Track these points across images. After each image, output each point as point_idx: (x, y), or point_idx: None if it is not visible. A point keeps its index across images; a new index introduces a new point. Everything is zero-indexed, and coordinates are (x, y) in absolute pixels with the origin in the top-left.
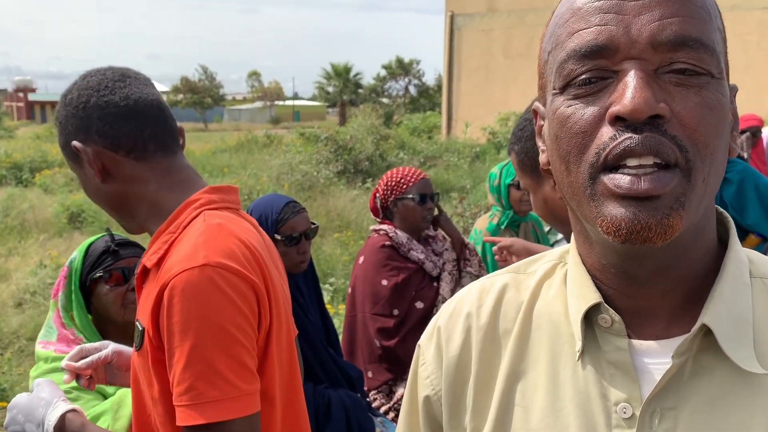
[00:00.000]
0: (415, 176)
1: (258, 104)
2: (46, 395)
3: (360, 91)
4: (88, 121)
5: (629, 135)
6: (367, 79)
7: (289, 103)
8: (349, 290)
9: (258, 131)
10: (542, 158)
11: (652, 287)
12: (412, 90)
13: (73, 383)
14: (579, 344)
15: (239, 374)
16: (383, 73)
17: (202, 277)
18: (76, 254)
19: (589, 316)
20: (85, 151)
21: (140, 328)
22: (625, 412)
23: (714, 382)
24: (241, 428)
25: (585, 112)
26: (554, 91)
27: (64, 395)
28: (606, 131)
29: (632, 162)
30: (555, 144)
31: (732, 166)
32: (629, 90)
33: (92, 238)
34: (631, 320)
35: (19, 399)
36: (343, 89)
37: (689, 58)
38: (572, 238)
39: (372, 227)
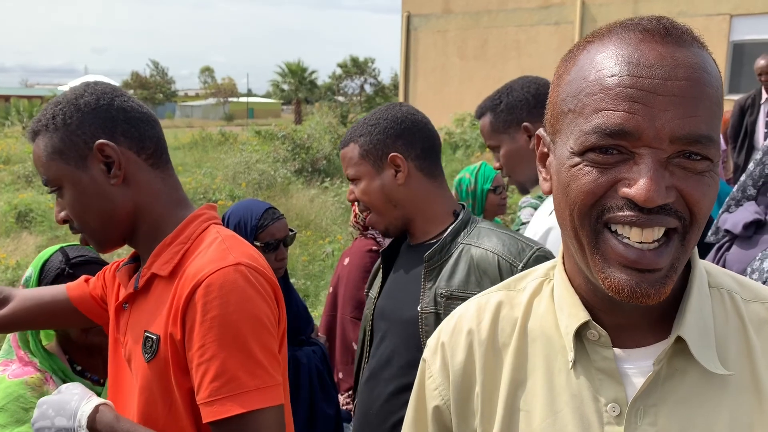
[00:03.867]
0: None
1: (211, 101)
2: (78, 391)
3: (315, 89)
4: (112, 123)
5: (636, 214)
6: (323, 77)
7: (243, 99)
8: (330, 289)
9: (212, 128)
10: (545, 186)
11: (633, 309)
12: (368, 89)
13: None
14: (571, 355)
15: (273, 364)
16: (338, 71)
17: (237, 273)
18: (31, 272)
19: (579, 331)
20: (113, 149)
21: (154, 338)
22: (614, 411)
23: (686, 382)
24: (272, 417)
25: (599, 178)
26: (571, 150)
27: (94, 393)
28: (615, 198)
29: (635, 236)
30: (564, 190)
31: None
32: (644, 179)
33: (46, 254)
34: (613, 332)
35: (49, 396)
36: (299, 87)
37: (698, 150)
38: (559, 256)
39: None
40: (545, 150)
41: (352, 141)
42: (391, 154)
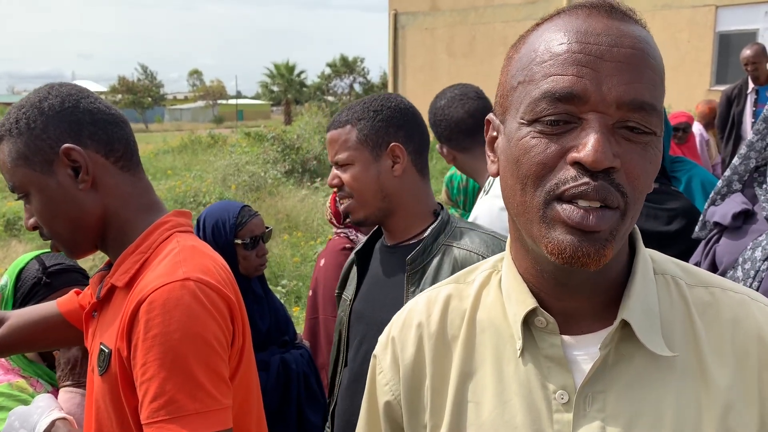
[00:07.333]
0: None
1: (200, 103)
2: (43, 404)
3: (305, 89)
4: (78, 126)
5: (587, 180)
6: (312, 77)
7: (232, 101)
8: (310, 293)
9: (201, 131)
10: (492, 168)
11: (579, 292)
12: (358, 88)
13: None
14: (519, 343)
15: (218, 387)
16: (328, 71)
17: (183, 290)
18: (7, 280)
19: (527, 319)
20: (80, 153)
21: (106, 351)
22: (563, 398)
23: (633, 367)
24: None
25: (549, 147)
26: (521, 121)
27: (60, 407)
28: (567, 169)
29: (583, 203)
30: (514, 165)
31: (681, 165)
32: (592, 142)
33: (22, 261)
34: (561, 319)
35: (20, 407)
36: (288, 88)
37: (641, 119)
38: (507, 246)
39: (334, 230)
40: (494, 134)
41: (348, 123)
42: (392, 144)
